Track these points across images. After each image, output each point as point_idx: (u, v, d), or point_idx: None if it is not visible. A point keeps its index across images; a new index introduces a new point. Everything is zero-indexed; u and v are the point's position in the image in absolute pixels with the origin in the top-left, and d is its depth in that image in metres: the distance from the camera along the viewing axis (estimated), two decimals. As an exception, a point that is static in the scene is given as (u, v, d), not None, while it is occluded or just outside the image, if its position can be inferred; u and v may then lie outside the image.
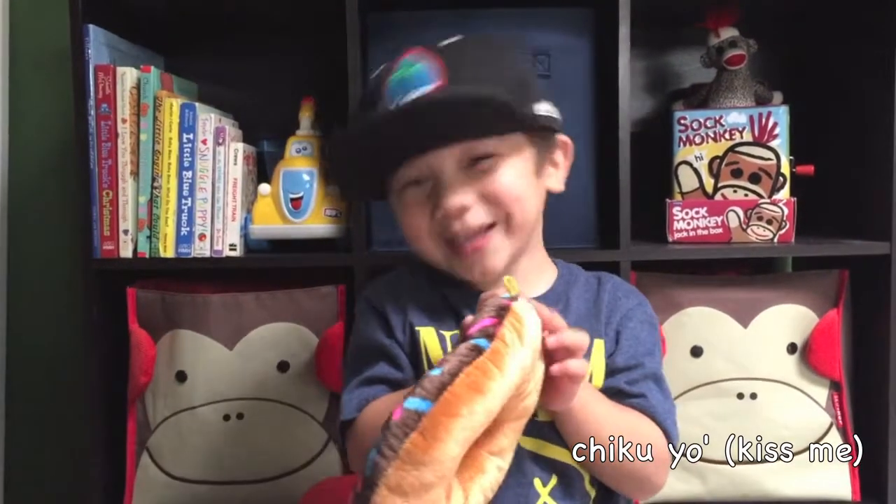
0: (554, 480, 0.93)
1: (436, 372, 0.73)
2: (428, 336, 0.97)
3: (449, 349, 0.95)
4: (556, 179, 1.02)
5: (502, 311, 0.77)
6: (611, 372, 0.97)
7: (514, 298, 0.79)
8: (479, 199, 0.93)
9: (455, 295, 0.99)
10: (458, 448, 0.72)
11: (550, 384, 0.82)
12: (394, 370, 0.96)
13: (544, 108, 0.97)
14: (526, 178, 0.96)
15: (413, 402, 0.72)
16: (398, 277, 1.06)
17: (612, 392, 0.95)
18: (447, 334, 0.97)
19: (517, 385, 0.76)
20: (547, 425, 0.92)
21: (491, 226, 0.94)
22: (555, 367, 0.81)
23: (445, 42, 0.94)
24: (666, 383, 1.00)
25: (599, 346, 0.98)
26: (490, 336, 0.75)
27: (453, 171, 0.92)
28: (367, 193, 1.12)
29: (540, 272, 1.04)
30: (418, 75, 0.89)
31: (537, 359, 0.79)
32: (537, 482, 0.93)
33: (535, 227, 1.01)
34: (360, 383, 0.96)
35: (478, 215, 0.93)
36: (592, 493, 0.97)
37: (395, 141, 0.90)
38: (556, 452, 0.94)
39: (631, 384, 0.96)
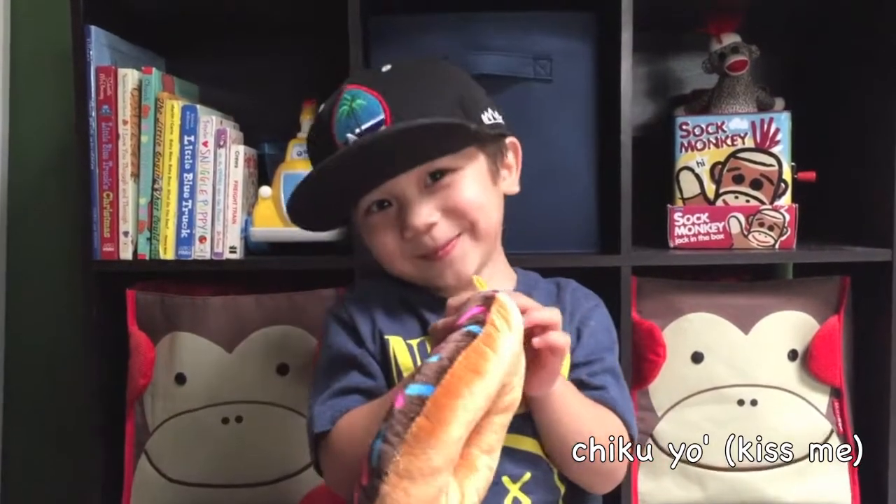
0: (527, 476, 0.96)
1: (433, 359, 0.76)
2: (397, 345, 1.00)
3: (417, 358, 0.98)
4: (510, 182, 1.06)
5: (488, 301, 0.81)
6: (573, 367, 1.01)
7: (494, 291, 0.83)
8: (443, 213, 0.96)
9: (420, 302, 1.03)
10: (462, 430, 0.74)
11: (535, 364, 0.85)
12: (366, 379, 0.99)
13: (490, 116, 1.00)
14: (483, 186, 1.00)
15: (415, 389, 0.74)
16: (363, 288, 1.11)
17: (575, 384, 0.98)
18: (414, 343, 1.00)
19: (508, 371, 0.79)
20: (519, 418, 0.93)
21: (458, 235, 0.98)
22: (537, 340, 0.84)
23: (381, 70, 0.98)
24: (623, 380, 1.04)
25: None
26: (480, 322, 0.78)
27: (414, 191, 0.96)
28: (331, 223, 1.16)
29: (502, 278, 1.07)
30: (362, 110, 0.92)
31: (521, 348, 0.83)
32: (506, 480, 0.94)
33: (498, 234, 1.05)
34: (332, 395, 0.98)
35: (444, 229, 0.97)
36: (562, 489, 0.99)
37: (356, 174, 0.94)
38: (529, 444, 0.96)
39: (592, 376, 1.00)
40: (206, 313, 1.38)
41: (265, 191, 1.41)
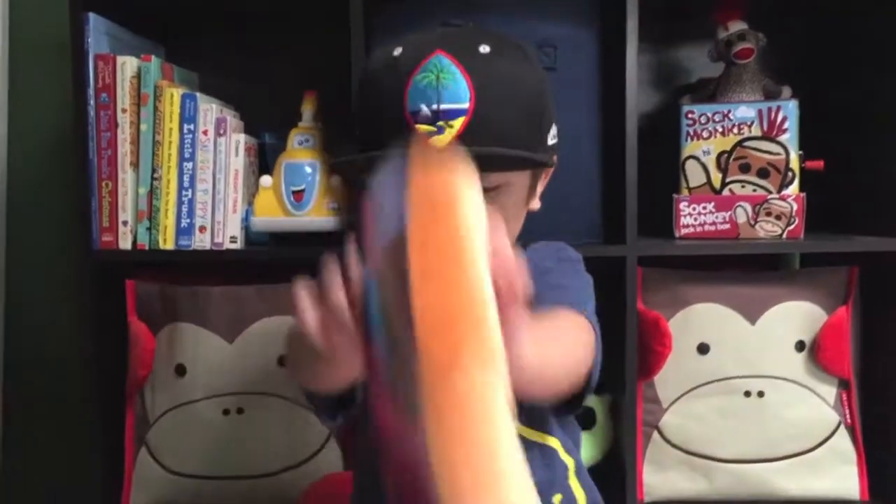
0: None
1: None
2: None
3: None
4: (536, 201, 1.01)
5: None
6: None
7: None
8: None
9: None
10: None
11: None
12: None
13: (553, 135, 0.96)
14: (518, 209, 0.96)
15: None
16: None
17: None
18: None
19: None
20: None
21: None
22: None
23: (478, 49, 0.89)
24: (574, 290, 0.95)
25: None
26: None
27: None
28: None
29: None
30: (448, 90, 0.86)
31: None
32: None
33: None
34: None
35: None
36: (570, 463, 0.97)
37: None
38: (531, 434, 0.94)
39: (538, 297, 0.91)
40: (207, 304, 1.36)
41: (266, 180, 1.40)
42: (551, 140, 0.95)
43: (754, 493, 1.38)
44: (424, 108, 0.86)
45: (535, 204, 1.01)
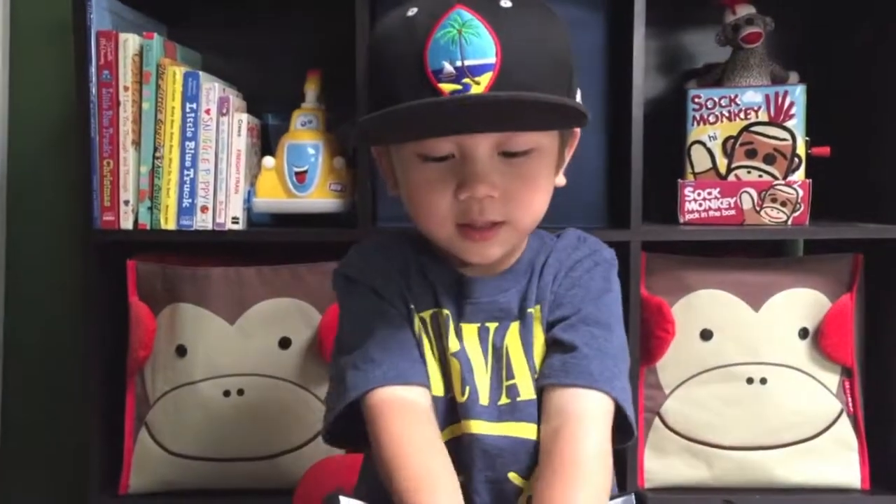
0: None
1: None
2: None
3: (430, 331, 0.91)
4: (561, 175, 0.95)
5: None
6: (549, 326, 0.91)
7: None
8: (502, 192, 0.85)
9: (436, 274, 0.94)
10: None
11: None
12: (398, 331, 0.91)
13: (578, 97, 0.90)
14: (548, 178, 0.90)
15: None
16: (377, 247, 0.98)
17: (549, 344, 0.89)
18: (426, 315, 0.92)
19: None
20: (524, 403, 0.88)
21: (502, 223, 0.87)
22: None
23: (500, 2, 0.83)
24: (614, 328, 0.91)
25: (537, 312, 0.92)
26: None
27: (488, 153, 0.84)
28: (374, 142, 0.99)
29: (515, 248, 0.95)
30: (472, 45, 0.80)
31: None
32: (513, 476, 0.89)
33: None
34: (365, 359, 0.89)
35: (494, 209, 0.85)
36: None
37: (439, 119, 0.82)
38: (535, 433, 0.89)
39: (564, 331, 0.89)
40: (208, 285, 1.36)
41: (268, 161, 1.39)
42: (578, 97, 0.89)
43: (755, 480, 1.38)
44: (448, 66, 0.79)
45: (561, 179, 0.95)
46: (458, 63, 0.79)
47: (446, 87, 0.79)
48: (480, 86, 0.79)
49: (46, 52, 1.66)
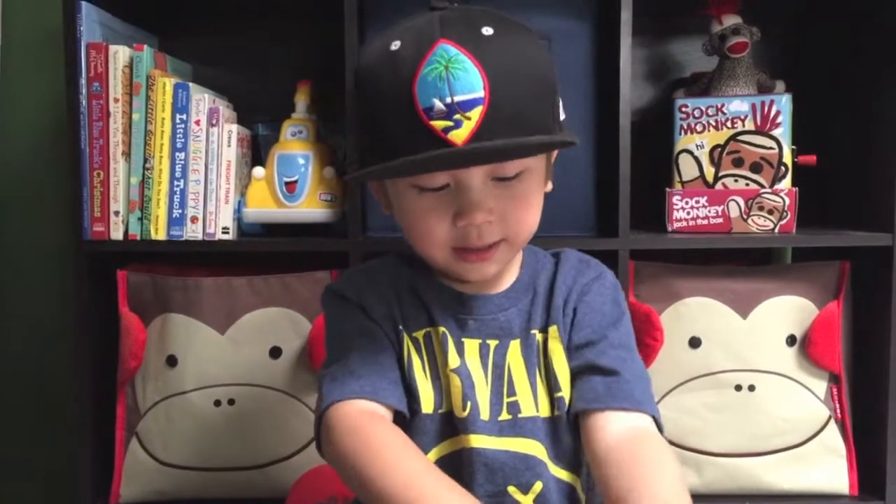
0: (538, 486, 0.91)
1: None
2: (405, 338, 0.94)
3: (423, 352, 0.93)
4: (549, 183, 0.98)
5: None
6: (575, 349, 0.93)
7: None
8: (498, 215, 0.88)
9: (429, 294, 0.96)
10: None
11: None
12: (379, 352, 0.92)
13: (561, 112, 0.93)
14: (539, 193, 0.92)
15: None
16: (370, 269, 1.01)
17: (584, 369, 0.91)
18: (419, 335, 0.94)
19: None
20: (526, 419, 0.90)
21: (500, 241, 0.90)
22: None
23: (481, 31, 0.84)
24: (636, 351, 0.95)
25: (554, 332, 0.94)
26: None
27: (481, 184, 0.87)
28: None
29: (511, 265, 0.98)
30: (459, 80, 0.81)
31: None
32: (513, 490, 0.90)
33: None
34: (345, 372, 0.90)
35: (492, 231, 0.88)
36: (584, 499, 0.95)
37: (434, 161, 0.83)
38: (536, 449, 0.91)
39: (600, 356, 0.91)
40: (199, 295, 1.36)
41: (258, 171, 1.39)
42: (562, 116, 0.92)
43: (744, 487, 1.38)
44: (438, 103, 0.80)
45: (549, 186, 0.97)
46: (448, 100, 0.80)
47: (438, 125, 0.81)
48: (472, 120, 0.81)
49: (36, 62, 1.66)
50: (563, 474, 0.93)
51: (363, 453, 0.81)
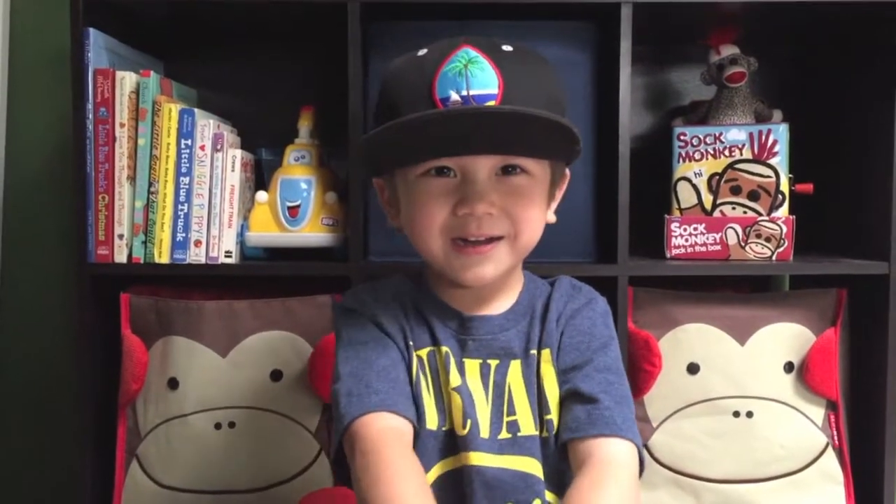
0: None
1: None
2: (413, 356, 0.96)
3: (427, 370, 0.95)
4: (552, 211, 1.01)
5: None
6: (562, 373, 0.95)
7: None
8: (500, 209, 0.91)
9: (433, 312, 0.98)
10: None
11: None
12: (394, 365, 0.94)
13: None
14: (541, 203, 0.95)
15: None
16: (378, 288, 1.03)
17: (568, 395, 0.93)
18: (423, 353, 0.96)
19: None
20: (524, 438, 0.92)
21: (500, 238, 0.93)
22: None
23: (501, 46, 0.91)
24: (623, 375, 0.96)
25: (546, 355, 0.96)
26: None
27: (486, 176, 0.90)
28: (378, 171, 1.04)
29: (511, 287, 1.01)
30: (476, 77, 0.87)
31: None
32: None
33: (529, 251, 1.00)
34: (361, 384, 0.91)
35: (493, 225, 0.91)
36: None
37: (446, 136, 0.87)
38: (533, 467, 0.93)
39: (583, 381, 0.93)
40: (201, 318, 1.37)
41: (262, 196, 1.41)
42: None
43: (742, 513, 1.39)
44: (454, 94, 0.86)
45: (552, 216, 1.00)
46: (464, 92, 0.86)
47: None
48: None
49: (44, 87, 1.68)
50: (551, 497, 0.94)
51: (371, 476, 0.83)
